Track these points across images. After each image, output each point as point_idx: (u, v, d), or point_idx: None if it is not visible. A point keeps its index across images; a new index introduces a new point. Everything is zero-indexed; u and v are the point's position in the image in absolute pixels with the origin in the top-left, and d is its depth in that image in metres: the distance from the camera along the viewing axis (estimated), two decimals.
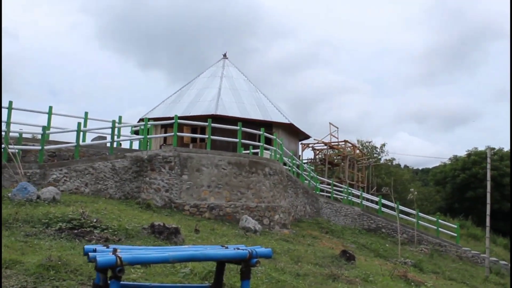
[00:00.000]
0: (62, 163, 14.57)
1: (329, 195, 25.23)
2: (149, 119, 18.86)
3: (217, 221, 14.64)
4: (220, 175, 15.78)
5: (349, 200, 25.21)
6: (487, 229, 20.32)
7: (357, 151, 35.46)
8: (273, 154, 19.32)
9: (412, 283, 9.48)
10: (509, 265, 19.90)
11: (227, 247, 4.70)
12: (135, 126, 20.08)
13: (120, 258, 3.89)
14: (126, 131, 20.45)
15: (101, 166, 14.97)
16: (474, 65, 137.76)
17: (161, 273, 5.97)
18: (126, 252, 4.27)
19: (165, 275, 5.95)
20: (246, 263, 4.42)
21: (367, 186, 34.34)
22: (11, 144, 13.53)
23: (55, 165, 14.28)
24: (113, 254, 4.02)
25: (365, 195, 26.57)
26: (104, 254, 4.17)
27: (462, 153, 48.59)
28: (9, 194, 10.47)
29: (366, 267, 9.99)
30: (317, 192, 23.87)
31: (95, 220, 8.71)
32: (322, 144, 32.16)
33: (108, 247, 4.36)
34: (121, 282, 4.94)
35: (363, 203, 25.39)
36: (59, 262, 5.94)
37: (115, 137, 17.28)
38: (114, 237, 8.10)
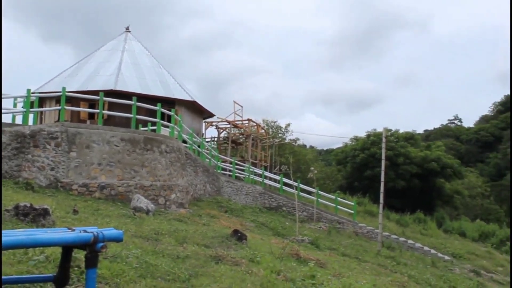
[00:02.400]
0: None
1: (231, 174, 24.89)
2: (40, 93, 17.31)
3: (107, 202, 13.69)
4: (112, 152, 14.76)
5: (251, 179, 25.08)
6: (381, 205, 21.04)
7: (261, 130, 35.43)
8: (171, 131, 18.50)
9: (303, 261, 9.27)
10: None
11: (74, 230, 3.99)
12: (15, 98, 18.30)
13: None
14: (8, 104, 18.60)
15: None
16: (380, 52, 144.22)
17: (6, 262, 5.12)
18: None
19: (11, 264, 5.10)
20: (91, 248, 3.74)
21: (270, 165, 34.49)
22: None
23: None
24: None
25: (267, 173, 26.55)
26: None
27: (364, 134, 50.49)
28: None
29: (257, 247, 9.65)
30: (219, 171, 23.44)
31: None
32: (226, 123, 31.72)
33: None
34: None
35: (265, 181, 25.37)
36: None
37: None
38: None
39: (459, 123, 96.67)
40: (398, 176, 44.03)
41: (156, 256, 6.62)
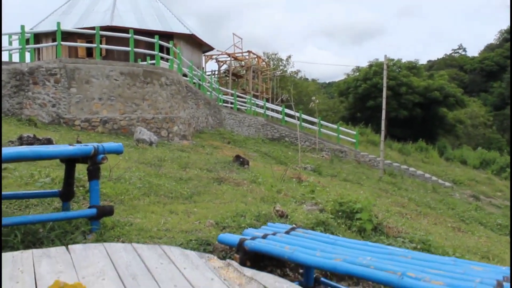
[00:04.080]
0: None
1: (232, 106, 24.88)
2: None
3: (111, 135, 13.83)
4: (112, 86, 14.71)
5: (253, 110, 25.09)
6: (382, 133, 21.15)
7: (262, 63, 35.04)
8: (170, 64, 18.32)
9: (304, 184, 9.45)
10: None
11: (74, 145, 4.07)
12: (10, 36, 18.03)
13: None
14: (3, 42, 18.33)
15: None
16: None
17: (13, 184, 5.26)
18: None
19: (19, 185, 5.25)
20: (92, 161, 3.83)
21: (271, 97, 34.38)
22: None
23: None
24: None
25: (268, 105, 26.51)
26: None
27: (366, 65, 49.86)
28: None
29: (259, 171, 9.81)
30: (220, 104, 23.42)
31: None
32: (226, 56, 31.33)
33: None
34: None
35: (266, 113, 25.38)
36: None
37: None
38: None
39: (463, 53, 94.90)
40: (400, 106, 43.89)
41: (159, 178, 6.76)
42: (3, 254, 2.60)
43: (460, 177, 26.27)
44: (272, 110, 26.41)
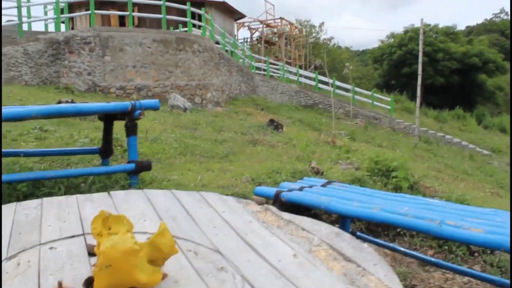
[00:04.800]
0: None
1: (265, 73, 24.75)
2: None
3: None
4: (145, 54, 14.82)
5: (286, 77, 24.89)
6: (418, 99, 20.72)
7: (295, 30, 34.58)
8: (202, 31, 18.28)
9: (338, 148, 9.40)
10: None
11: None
12: (45, 6, 18.27)
13: None
14: (39, 12, 18.66)
15: (11, 51, 13.62)
16: None
17: (54, 144, 5.41)
18: None
19: (59, 146, 5.40)
20: (130, 116, 3.89)
21: (304, 64, 34.01)
22: None
23: None
24: None
25: (302, 72, 26.25)
26: None
27: (402, 31, 48.49)
28: None
29: (293, 135, 9.80)
30: (253, 71, 23.32)
31: None
32: (258, 23, 31.03)
33: None
34: None
35: (299, 80, 25.16)
36: None
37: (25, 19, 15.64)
38: None
39: (505, 17, 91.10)
40: (437, 73, 42.74)
41: (194, 139, 6.84)
42: (49, 198, 2.69)
43: (498, 145, 25.61)
44: (305, 77, 26.15)
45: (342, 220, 3.74)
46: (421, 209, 3.24)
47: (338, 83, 24.93)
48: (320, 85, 24.71)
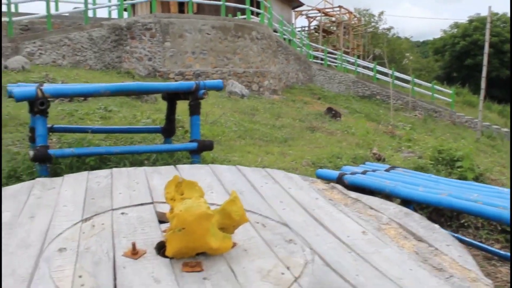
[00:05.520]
0: (35, 35, 13.72)
1: (323, 62, 24.47)
2: None
3: None
4: (204, 40, 14.97)
5: (344, 67, 24.52)
6: (482, 92, 19.86)
7: (354, 19, 33.96)
8: (260, 18, 18.27)
9: (397, 138, 9.18)
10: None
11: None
12: None
13: (41, 90, 3.41)
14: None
15: (77, 36, 14.10)
16: None
17: (118, 123, 5.57)
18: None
19: (123, 125, 5.54)
20: (193, 96, 3.93)
21: (363, 54, 33.38)
22: None
23: (28, 38, 13.44)
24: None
25: (360, 62, 25.77)
26: (23, 87, 3.70)
27: (466, 20, 46.54)
28: None
29: (352, 124, 9.65)
30: (310, 59, 23.11)
31: (60, 82, 8.19)
32: (316, 11, 30.68)
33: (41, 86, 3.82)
34: (63, 126, 4.52)
35: (357, 70, 24.73)
36: (7, 117, 5.57)
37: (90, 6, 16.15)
38: None
39: None
40: (503, 65, 40.77)
41: (253, 124, 6.86)
42: (119, 169, 2.77)
43: None
44: (363, 67, 25.67)
45: (406, 206, 3.64)
46: (492, 197, 3.10)
47: (397, 74, 24.30)
48: (378, 76, 24.18)
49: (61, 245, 1.74)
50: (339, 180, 3.48)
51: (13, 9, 14.42)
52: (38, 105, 3.45)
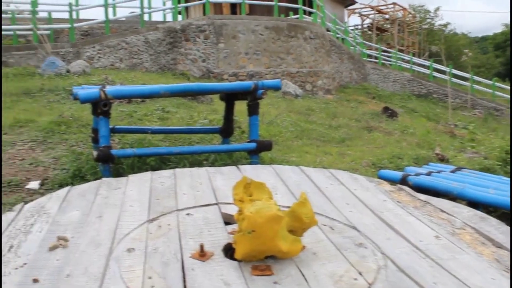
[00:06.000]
0: (94, 40, 14.21)
1: (377, 61, 23.99)
2: None
3: None
4: (258, 41, 15.00)
5: (398, 65, 23.94)
6: None
7: (408, 15, 33.07)
8: (313, 17, 18.12)
9: (457, 138, 8.85)
10: None
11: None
12: None
13: (104, 91, 3.48)
14: (158, 3, 19.65)
15: (134, 40, 14.47)
16: None
17: (175, 124, 5.63)
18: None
19: (180, 126, 5.60)
20: (252, 96, 3.91)
21: (418, 52, 32.45)
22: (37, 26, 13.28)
23: (88, 43, 13.94)
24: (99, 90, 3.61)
25: (415, 60, 25.07)
26: (87, 90, 3.79)
27: None
28: (39, 70, 10.39)
29: (409, 123, 9.38)
30: (364, 58, 22.72)
31: (119, 84, 8.40)
32: (369, 9, 30.10)
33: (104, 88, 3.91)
34: (124, 127, 4.61)
35: (413, 68, 24.08)
36: (71, 118, 5.75)
37: (146, 10, 16.53)
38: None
39: None
40: None
41: (309, 124, 6.78)
42: (181, 169, 2.78)
43: None
44: (419, 65, 24.96)
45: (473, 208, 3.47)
46: None
47: (455, 71, 23.49)
48: (435, 74, 23.45)
49: (130, 245, 1.75)
50: (403, 181, 3.36)
51: (74, 16, 14.96)
52: (101, 106, 3.52)
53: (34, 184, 3.98)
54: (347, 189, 2.43)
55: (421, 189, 3.27)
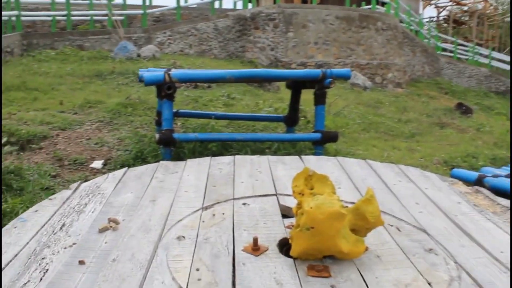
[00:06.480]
0: (165, 26, 14.47)
1: (452, 55, 22.89)
2: None
3: None
4: (328, 31, 14.68)
5: (475, 60, 22.74)
6: None
7: (490, 7, 31.27)
8: (386, 8, 17.52)
9: None
10: None
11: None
12: None
13: (169, 74, 3.44)
14: None
15: (204, 26, 14.58)
16: None
17: (240, 111, 5.57)
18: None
19: (245, 113, 5.53)
20: (319, 85, 3.74)
21: (498, 47, 30.66)
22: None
23: (159, 29, 14.21)
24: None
25: (494, 54, 23.69)
26: (152, 72, 3.78)
27: None
28: (111, 54, 10.69)
29: (485, 121, 8.84)
30: (438, 52, 21.74)
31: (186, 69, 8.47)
32: (447, 1, 28.72)
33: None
34: (188, 111, 4.58)
35: (491, 63, 22.79)
36: (137, 101, 5.82)
37: None
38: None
39: None
40: None
41: (378, 117, 6.52)
42: (242, 156, 2.68)
43: None
44: (498, 60, 23.56)
45: None
46: None
47: None
48: None
49: (180, 233, 1.66)
50: (478, 183, 3.09)
51: (147, 2, 15.27)
52: (165, 89, 3.49)
53: (97, 164, 4.04)
54: (417, 188, 2.24)
55: (499, 192, 2.99)
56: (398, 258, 1.53)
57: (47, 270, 1.42)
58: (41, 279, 1.37)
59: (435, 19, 30.86)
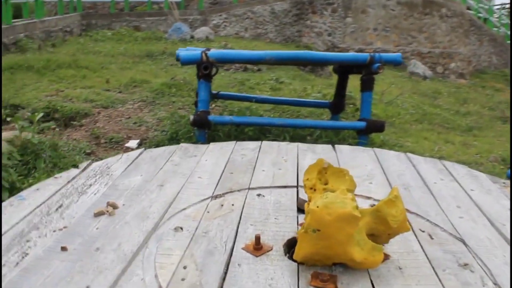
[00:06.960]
0: (221, 8, 14.38)
1: None
2: None
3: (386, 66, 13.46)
4: (388, 17, 14.09)
5: None
6: None
7: None
8: None
9: None
10: None
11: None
12: None
13: (206, 54, 3.28)
14: None
15: (260, 10, 14.38)
16: None
17: (287, 95, 5.35)
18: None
19: (292, 97, 5.31)
20: (367, 70, 3.47)
21: None
22: None
23: (215, 11, 14.14)
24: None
25: None
26: (190, 51, 3.63)
27: None
28: (166, 35, 10.72)
29: None
30: (508, 42, 20.49)
31: None
32: None
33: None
34: (228, 93, 4.42)
35: None
36: (182, 82, 5.73)
37: None
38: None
39: None
40: None
41: (434, 107, 6.12)
42: (269, 142, 2.48)
43: None
44: None
45: None
46: None
47: None
48: None
49: (179, 223, 1.50)
50: None
51: None
52: (202, 69, 3.34)
53: (132, 143, 3.95)
54: (462, 189, 1.96)
55: None
56: (424, 272, 1.29)
57: (27, 254, 1.30)
58: (17, 263, 1.25)
59: (507, 6, 29.11)
